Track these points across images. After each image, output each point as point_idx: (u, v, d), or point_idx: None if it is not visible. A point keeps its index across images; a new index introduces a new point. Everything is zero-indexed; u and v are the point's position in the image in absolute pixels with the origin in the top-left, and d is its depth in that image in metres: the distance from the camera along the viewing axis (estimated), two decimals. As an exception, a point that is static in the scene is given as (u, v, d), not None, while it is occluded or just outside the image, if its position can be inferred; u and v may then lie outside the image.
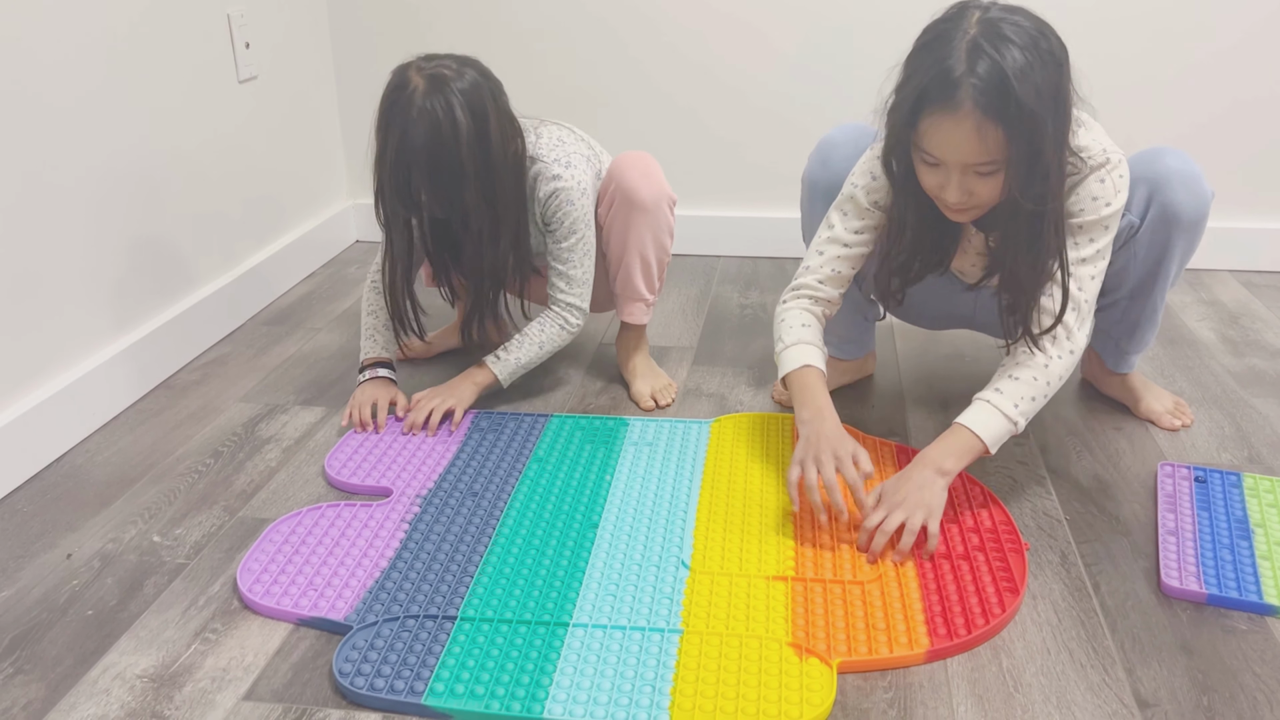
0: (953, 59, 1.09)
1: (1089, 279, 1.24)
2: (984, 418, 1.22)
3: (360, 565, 1.21)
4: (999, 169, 1.13)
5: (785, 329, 1.35)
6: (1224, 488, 1.34)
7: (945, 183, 1.16)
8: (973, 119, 1.09)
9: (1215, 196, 1.37)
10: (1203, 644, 1.08)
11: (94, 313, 1.59)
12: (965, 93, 1.08)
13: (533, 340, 1.57)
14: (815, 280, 1.36)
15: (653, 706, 0.98)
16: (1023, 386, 1.22)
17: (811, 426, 1.26)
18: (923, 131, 1.14)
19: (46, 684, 1.04)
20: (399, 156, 1.37)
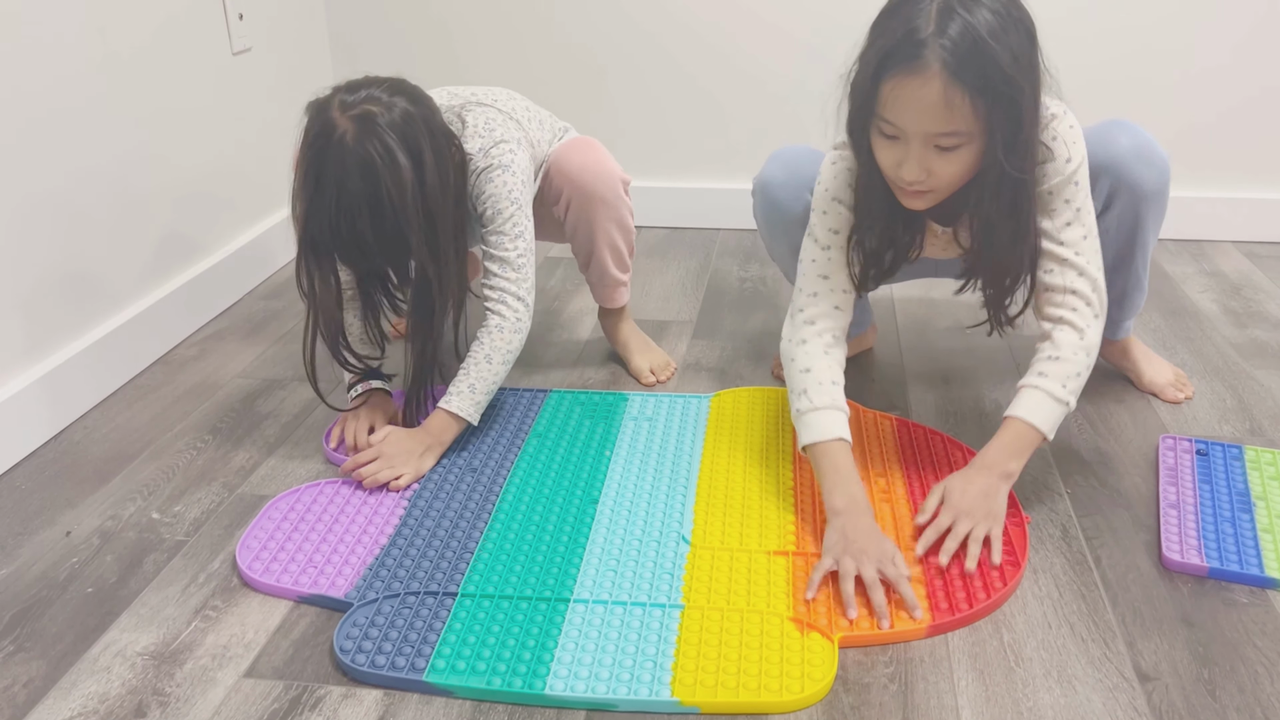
0: (920, 19, 1.04)
1: (1082, 239, 1.19)
2: (1036, 404, 1.17)
3: (360, 542, 1.20)
4: (962, 143, 1.07)
5: (814, 384, 1.22)
6: (1225, 460, 1.33)
7: (903, 158, 1.09)
8: (940, 81, 1.03)
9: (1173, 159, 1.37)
10: (1203, 617, 1.08)
11: (92, 286, 1.57)
12: (933, 53, 1.02)
13: (478, 359, 1.38)
14: (831, 307, 1.26)
15: (654, 682, 0.98)
16: (1066, 365, 1.18)
17: (847, 519, 1.14)
18: (884, 97, 1.07)
19: (47, 661, 1.04)
20: (339, 209, 1.24)
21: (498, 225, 1.40)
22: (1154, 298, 1.90)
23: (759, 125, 2.28)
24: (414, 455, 1.34)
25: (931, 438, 1.41)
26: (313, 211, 1.26)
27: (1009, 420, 1.19)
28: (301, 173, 1.27)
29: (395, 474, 1.31)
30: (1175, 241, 2.21)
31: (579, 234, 1.56)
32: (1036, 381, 1.18)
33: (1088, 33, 2.10)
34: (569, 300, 1.95)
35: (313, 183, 1.25)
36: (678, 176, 2.36)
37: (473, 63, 2.30)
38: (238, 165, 1.97)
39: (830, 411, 1.21)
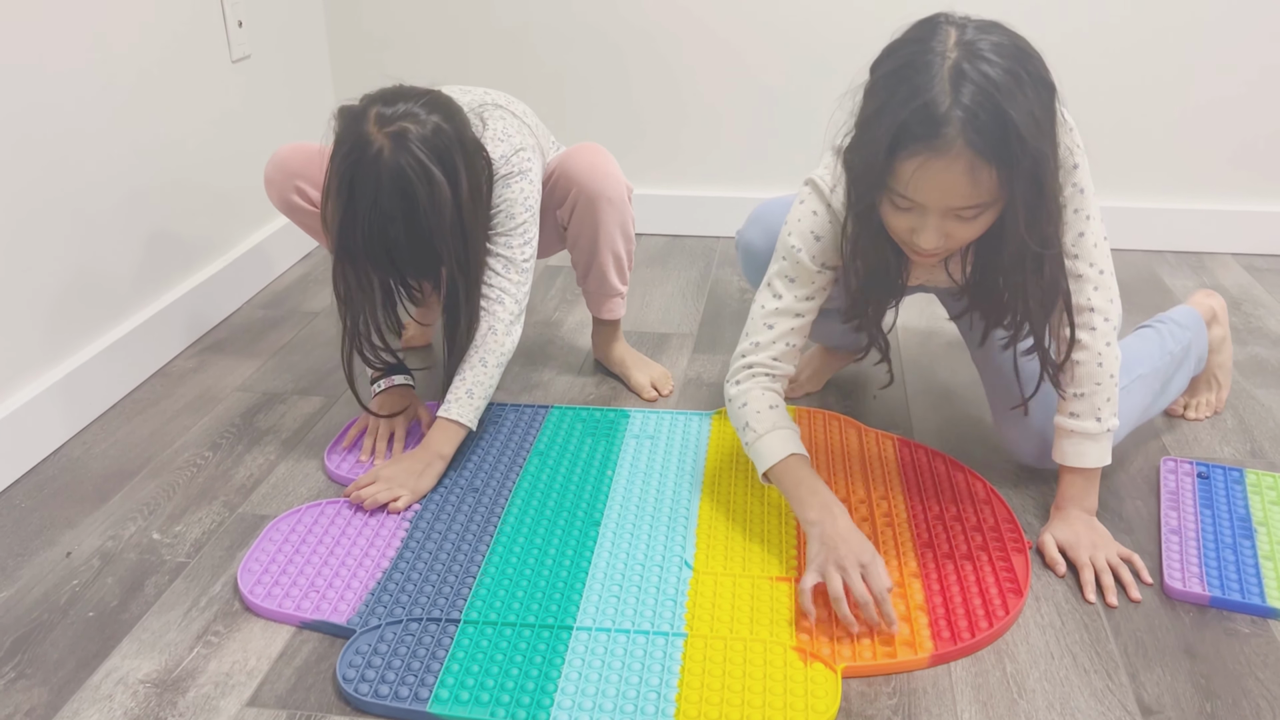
0: (935, 90, 0.95)
1: (1093, 247, 1.15)
2: (1087, 452, 1.20)
3: (361, 565, 1.20)
4: (984, 211, 1.02)
5: (752, 415, 1.21)
6: (1226, 484, 1.34)
7: (920, 227, 1.03)
8: (965, 159, 0.96)
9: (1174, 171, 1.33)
10: (1206, 648, 1.08)
11: (89, 298, 1.57)
12: (955, 130, 0.95)
13: (473, 363, 1.39)
14: (769, 358, 1.23)
15: (658, 714, 0.98)
16: (1093, 399, 1.18)
17: (824, 528, 1.12)
18: (902, 175, 0.99)
19: (49, 688, 1.04)
20: (372, 222, 1.26)
21: (509, 229, 1.41)
22: (1153, 312, 1.87)
23: (760, 133, 2.27)
24: (413, 475, 1.33)
25: (934, 459, 1.41)
26: (346, 222, 1.28)
27: (1064, 471, 1.22)
28: (335, 182, 1.27)
29: (393, 495, 1.31)
30: (1175, 254, 2.21)
31: (582, 238, 1.56)
32: (1071, 425, 1.20)
33: (1092, 48, 2.10)
34: (568, 313, 1.94)
35: (345, 193, 1.26)
36: (678, 184, 2.35)
37: (472, 70, 2.29)
38: (236, 173, 1.96)
39: (775, 433, 1.20)
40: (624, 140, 2.32)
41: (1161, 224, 2.22)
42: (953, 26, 0.99)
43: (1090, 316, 1.17)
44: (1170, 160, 2.19)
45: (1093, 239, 1.16)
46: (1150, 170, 2.20)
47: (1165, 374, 1.38)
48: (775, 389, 1.25)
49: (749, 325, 1.26)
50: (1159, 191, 2.22)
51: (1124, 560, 1.18)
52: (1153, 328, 1.42)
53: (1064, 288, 1.13)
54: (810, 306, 1.23)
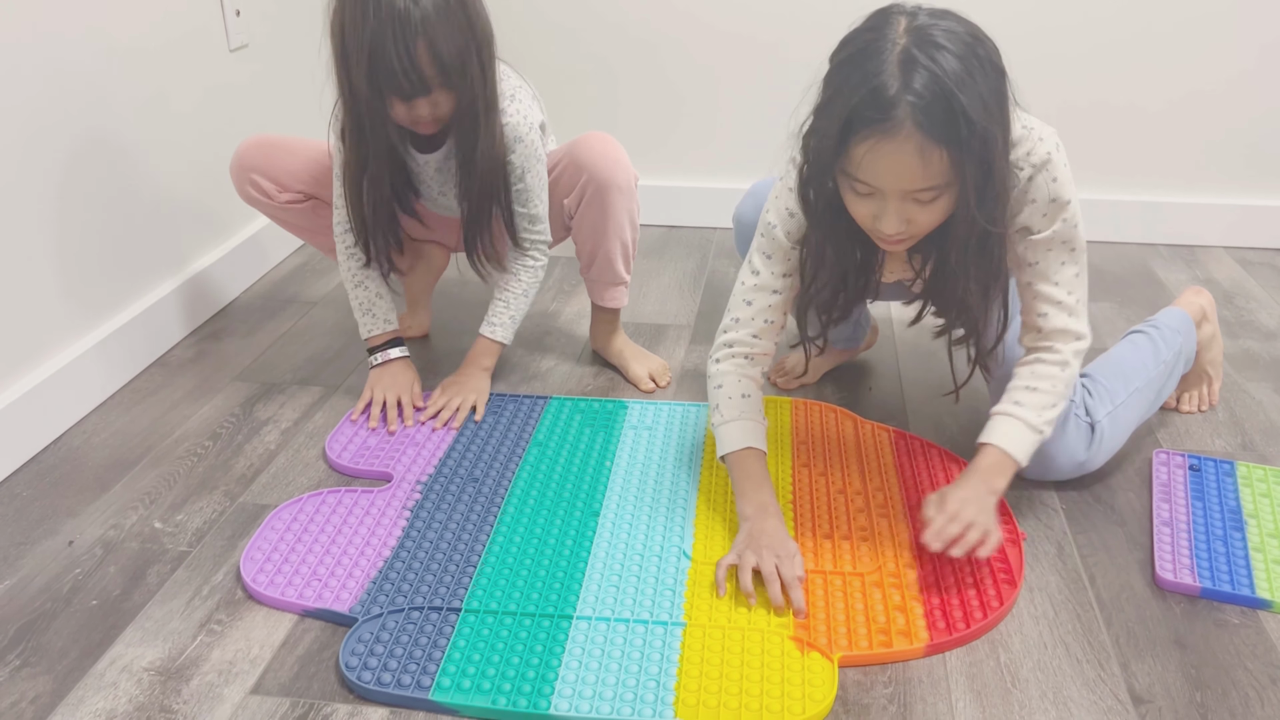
0: (885, 74, 0.98)
1: (1074, 278, 1.18)
2: (1012, 433, 1.17)
3: (363, 554, 1.21)
4: (941, 194, 1.04)
5: (724, 399, 1.26)
6: (1218, 477, 1.35)
7: (881, 212, 1.06)
8: (914, 141, 0.98)
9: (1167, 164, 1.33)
10: (1196, 639, 1.10)
11: (87, 289, 1.57)
12: (904, 111, 0.97)
13: (516, 294, 1.54)
14: (748, 335, 1.26)
15: (657, 702, 1.00)
16: (1044, 396, 1.18)
17: (755, 524, 1.18)
18: (855, 158, 1.02)
19: (53, 677, 1.05)
20: (399, 26, 1.24)
21: (528, 183, 1.47)
22: (1145, 305, 1.91)
23: (757, 123, 2.28)
24: (467, 384, 1.53)
25: (929, 450, 1.42)
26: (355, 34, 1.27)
27: (986, 447, 1.18)
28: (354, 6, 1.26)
29: (470, 402, 1.51)
30: (1167, 246, 2.23)
31: (588, 226, 1.57)
32: (1012, 410, 1.18)
33: (1084, 41, 2.11)
34: (566, 302, 1.95)
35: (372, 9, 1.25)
36: (674, 175, 2.36)
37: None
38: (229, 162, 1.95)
39: (738, 423, 1.24)
40: (621, 131, 2.30)
41: (1154, 217, 2.24)
42: (904, 15, 1.02)
43: (1062, 336, 1.19)
44: (1163, 153, 2.20)
45: (1074, 270, 1.18)
46: (1143, 163, 2.22)
47: (1158, 384, 1.40)
48: (752, 374, 1.28)
49: (730, 300, 1.29)
50: (1151, 184, 2.23)
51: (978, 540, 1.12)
52: (1146, 334, 1.43)
53: (1005, 273, 1.15)
54: (788, 284, 1.25)
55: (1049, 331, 1.19)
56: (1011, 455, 1.17)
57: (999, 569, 1.18)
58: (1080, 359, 1.20)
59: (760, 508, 1.20)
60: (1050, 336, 1.20)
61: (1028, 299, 1.20)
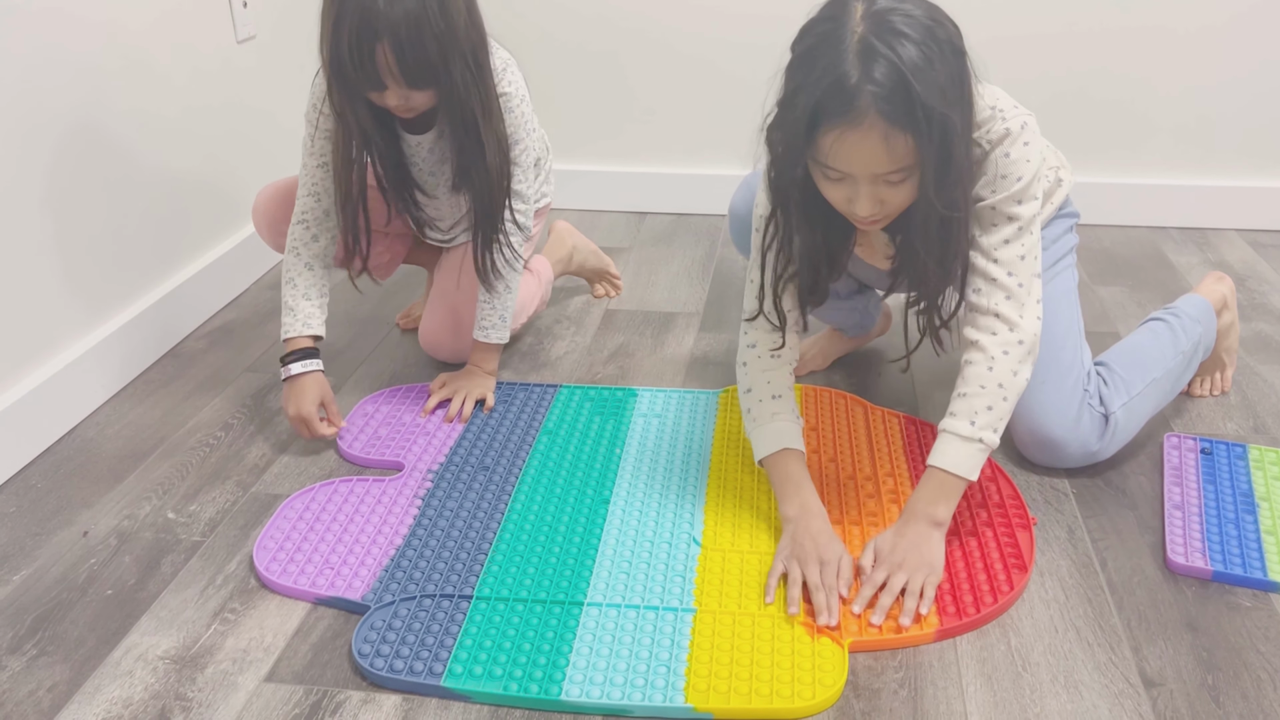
0: (845, 64, 0.99)
1: (1018, 259, 1.15)
2: (948, 450, 1.14)
3: (375, 543, 1.22)
4: (910, 174, 1.04)
5: (755, 402, 1.24)
6: (1229, 460, 1.35)
7: (854, 195, 1.07)
8: (878, 129, 1.00)
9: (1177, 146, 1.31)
10: (1208, 621, 1.09)
11: (98, 282, 1.58)
12: (865, 101, 0.98)
13: (499, 290, 1.49)
14: (768, 328, 1.25)
15: (668, 688, 1.00)
16: (973, 400, 1.14)
17: (799, 525, 1.16)
18: (824, 147, 1.03)
19: (70, 665, 1.06)
20: (363, 27, 1.22)
21: (513, 155, 1.44)
22: (1158, 289, 1.91)
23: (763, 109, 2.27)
24: (479, 385, 1.51)
25: (938, 436, 1.42)
26: (335, 29, 1.24)
27: (929, 469, 1.16)
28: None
29: (474, 397, 1.49)
30: (1179, 230, 2.21)
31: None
32: (947, 424, 1.16)
33: (1095, 26, 2.09)
34: (575, 292, 1.95)
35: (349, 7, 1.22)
36: (682, 163, 2.35)
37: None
38: (242, 153, 1.96)
39: (771, 424, 1.22)
40: (627, 118, 2.32)
41: (1166, 200, 2.22)
42: (860, 2, 1.01)
43: (993, 322, 1.15)
44: (1175, 136, 2.19)
45: (1019, 250, 1.15)
46: (1155, 146, 2.20)
47: (1176, 374, 1.39)
48: (782, 373, 1.25)
49: (745, 302, 1.28)
50: (1163, 167, 2.22)
51: (917, 593, 1.10)
52: (1165, 322, 1.41)
53: (964, 253, 1.15)
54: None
55: (979, 311, 1.16)
56: (952, 474, 1.14)
57: (1009, 553, 1.18)
58: (1016, 354, 1.15)
59: (802, 508, 1.18)
60: (979, 324, 1.16)
61: (968, 273, 1.17)
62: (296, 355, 1.42)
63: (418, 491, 1.32)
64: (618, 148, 2.36)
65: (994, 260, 1.15)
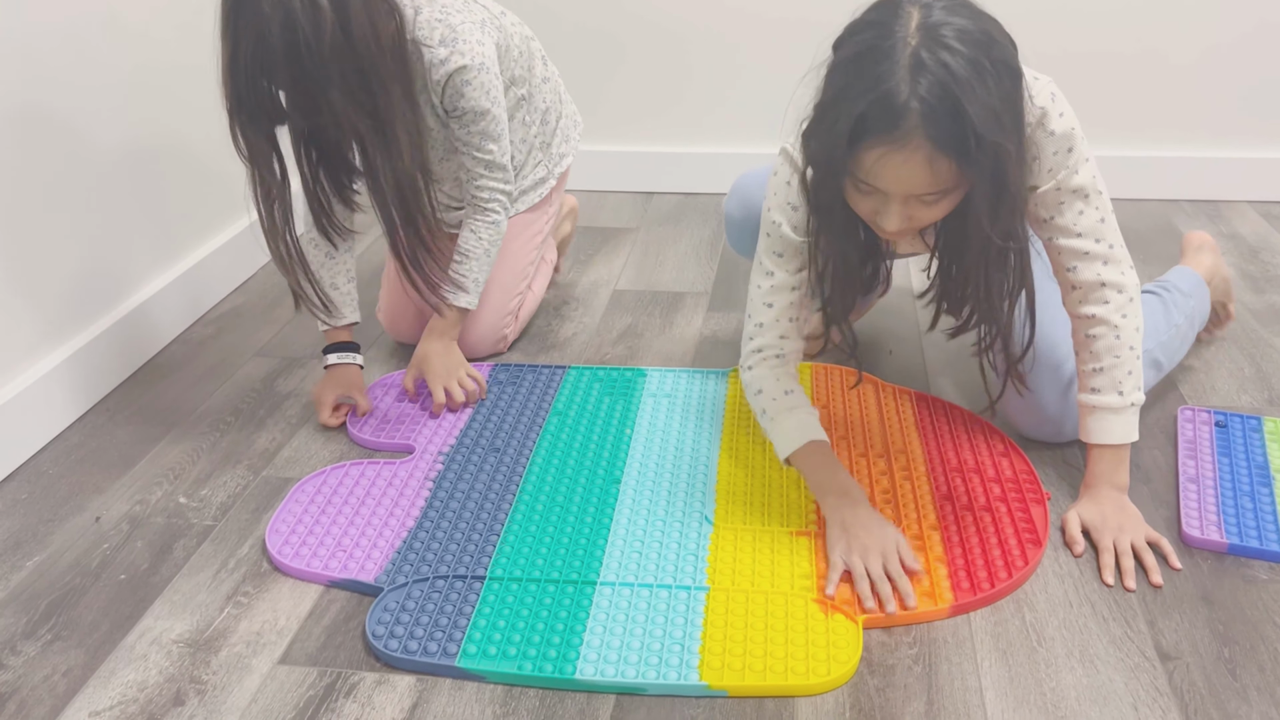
0: (894, 79, 0.93)
1: (1099, 223, 1.14)
2: (1111, 426, 1.17)
3: (387, 525, 1.22)
4: (946, 195, 1.01)
5: (768, 401, 1.22)
6: (1244, 432, 1.34)
7: (883, 210, 1.03)
8: (924, 152, 0.95)
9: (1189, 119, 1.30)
10: (1224, 595, 1.09)
11: (107, 265, 1.58)
12: (913, 122, 0.93)
13: (478, 254, 1.48)
14: (775, 337, 1.23)
15: (682, 665, 1.00)
16: (1113, 372, 1.16)
17: (845, 513, 1.14)
18: (864, 164, 0.99)
19: (85, 650, 1.06)
20: (253, 64, 1.17)
21: (482, 127, 1.43)
22: (1169, 262, 1.87)
23: (771, 87, 2.24)
24: (446, 362, 1.47)
25: (951, 412, 1.41)
26: (230, 67, 1.19)
27: (1092, 449, 1.19)
28: (220, 26, 1.19)
29: (468, 383, 1.47)
30: (1191, 202, 2.19)
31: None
32: (1093, 400, 1.18)
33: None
34: (584, 271, 1.95)
35: (231, 34, 1.18)
36: (689, 141, 2.34)
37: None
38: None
39: (792, 417, 1.21)
40: (634, 97, 2.31)
41: (1177, 172, 2.20)
42: (915, 7, 0.96)
43: (1103, 291, 1.16)
44: (1186, 108, 2.17)
45: (1096, 215, 1.14)
46: (1166, 118, 2.18)
47: (1170, 347, 1.38)
48: (790, 372, 1.24)
49: (749, 306, 1.25)
50: (1175, 140, 2.20)
51: (1151, 544, 1.14)
52: (1158, 295, 1.40)
53: (1029, 283, 1.12)
54: (803, 278, 1.21)
55: (1085, 289, 1.16)
56: (1115, 445, 1.18)
57: (1023, 528, 1.17)
58: (1134, 306, 1.16)
59: (842, 494, 1.16)
60: (1089, 297, 1.16)
61: (1053, 256, 1.18)
62: (332, 347, 1.48)
63: (429, 473, 1.32)
64: (624, 127, 2.35)
65: (1078, 235, 1.14)
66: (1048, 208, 1.14)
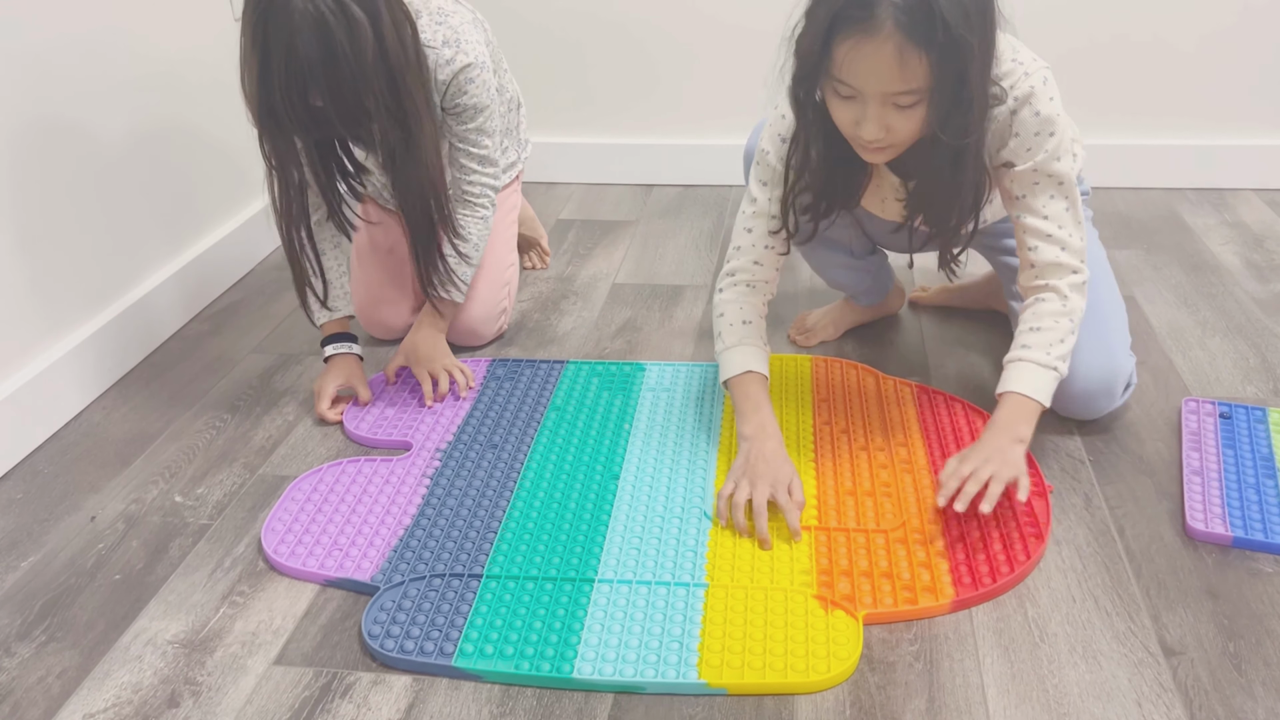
0: None
1: (1064, 212, 1.17)
2: (1025, 376, 1.16)
3: (383, 523, 1.21)
4: (920, 100, 1.04)
5: (725, 326, 1.29)
6: (1249, 424, 1.33)
7: (861, 117, 1.07)
8: (894, 42, 0.99)
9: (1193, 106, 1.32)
10: (1228, 588, 1.08)
11: (102, 262, 1.57)
12: (885, 11, 0.98)
13: (478, 248, 1.51)
14: (749, 261, 1.29)
15: (681, 664, 0.99)
16: (1048, 334, 1.16)
17: (753, 444, 1.21)
18: (838, 58, 1.03)
19: (79, 651, 1.05)
20: (289, 74, 1.17)
21: (480, 123, 1.45)
22: (1174, 251, 1.88)
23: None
24: (434, 351, 1.48)
25: (952, 404, 1.40)
26: (263, 81, 1.19)
27: (1004, 396, 1.17)
28: (247, 38, 1.19)
29: (451, 374, 1.47)
30: (1196, 190, 2.17)
31: None
32: (1021, 354, 1.17)
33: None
34: (582, 265, 1.93)
35: (260, 44, 1.17)
36: (689, 133, 2.32)
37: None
38: (243, 133, 1.94)
39: (739, 348, 1.27)
40: (633, 89, 2.29)
41: (1181, 160, 2.18)
42: None
43: (1056, 269, 1.18)
44: (1190, 95, 2.15)
45: (1064, 204, 1.17)
46: (1169, 106, 2.16)
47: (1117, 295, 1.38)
48: (754, 301, 1.30)
49: (733, 231, 1.31)
50: (1178, 127, 2.18)
51: (1002, 484, 1.10)
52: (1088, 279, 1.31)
53: (978, 182, 1.15)
54: None
55: (1041, 267, 1.18)
56: (1030, 397, 1.15)
57: (1025, 522, 1.16)
58: (1080, 292, 1.18)
59: (759, 428, 1.22)
60: (1044, 273, 1.19)
61: (1018, 234, 1.20)
62: (331, 338, 1.48)
63: (426, 470, 1.31)
64: (623, 120, 2.33)
65: (1044, 218, 1.17)
66: (1021, 185, 1.17)
